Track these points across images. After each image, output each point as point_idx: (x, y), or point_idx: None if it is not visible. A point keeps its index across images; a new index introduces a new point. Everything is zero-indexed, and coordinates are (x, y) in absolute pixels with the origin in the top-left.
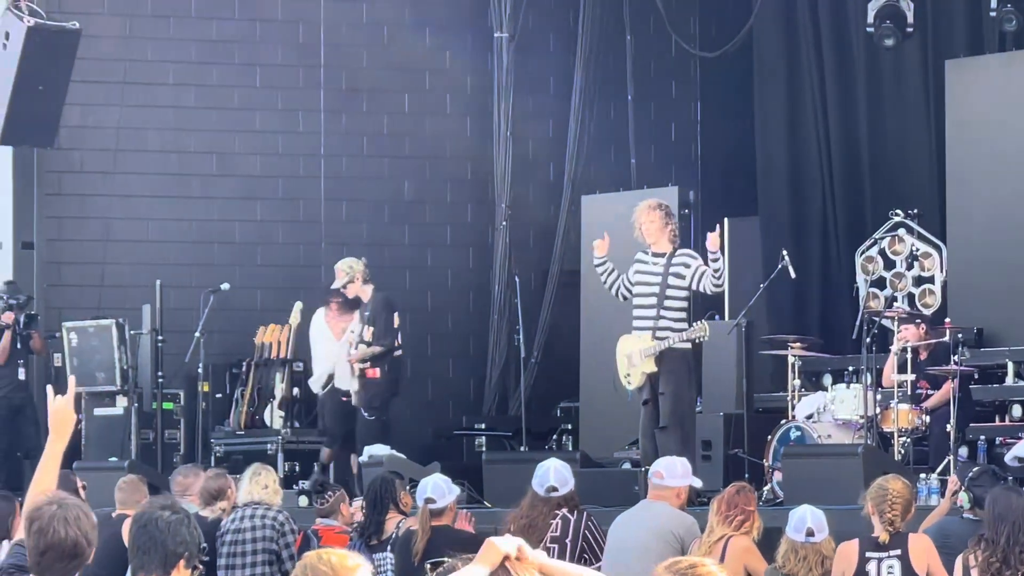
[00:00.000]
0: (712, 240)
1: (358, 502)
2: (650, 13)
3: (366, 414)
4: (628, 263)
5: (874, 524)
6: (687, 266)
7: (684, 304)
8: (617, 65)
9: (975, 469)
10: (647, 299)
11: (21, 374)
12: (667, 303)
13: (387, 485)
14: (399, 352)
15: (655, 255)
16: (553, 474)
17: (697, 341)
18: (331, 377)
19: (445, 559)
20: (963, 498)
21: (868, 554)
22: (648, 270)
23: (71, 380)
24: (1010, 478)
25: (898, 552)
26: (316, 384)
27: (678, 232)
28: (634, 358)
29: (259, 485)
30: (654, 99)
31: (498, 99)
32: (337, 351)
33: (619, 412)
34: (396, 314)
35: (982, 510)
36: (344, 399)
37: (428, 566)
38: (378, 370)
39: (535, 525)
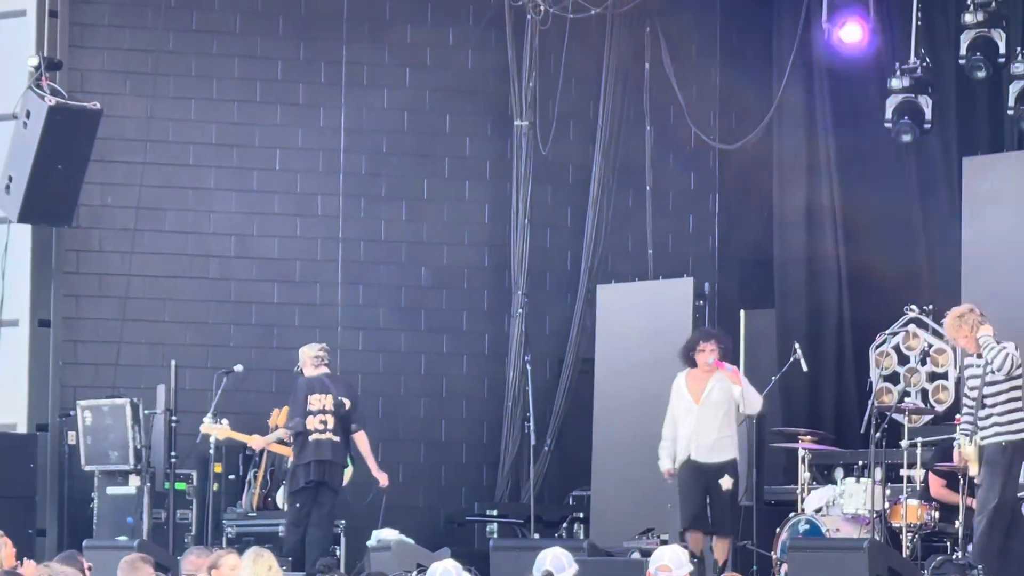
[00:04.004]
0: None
1: None
2: (670, 104)
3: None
4: (643, 353)
5: None
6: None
7: None
8: (636, 155)
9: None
10: None
11: None
12: None
13: None
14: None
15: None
16: (550, 559)
17: None
18: None
19: None
20: None
21: None
22: None
23: None
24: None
25: None
26: None
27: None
28: None
29: (263, 567)
30: (672, 189)
31: (516, 187)
32: None
33: (631, 502)
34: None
35: None
36: None
37: None
38: (292, 454)
39: None
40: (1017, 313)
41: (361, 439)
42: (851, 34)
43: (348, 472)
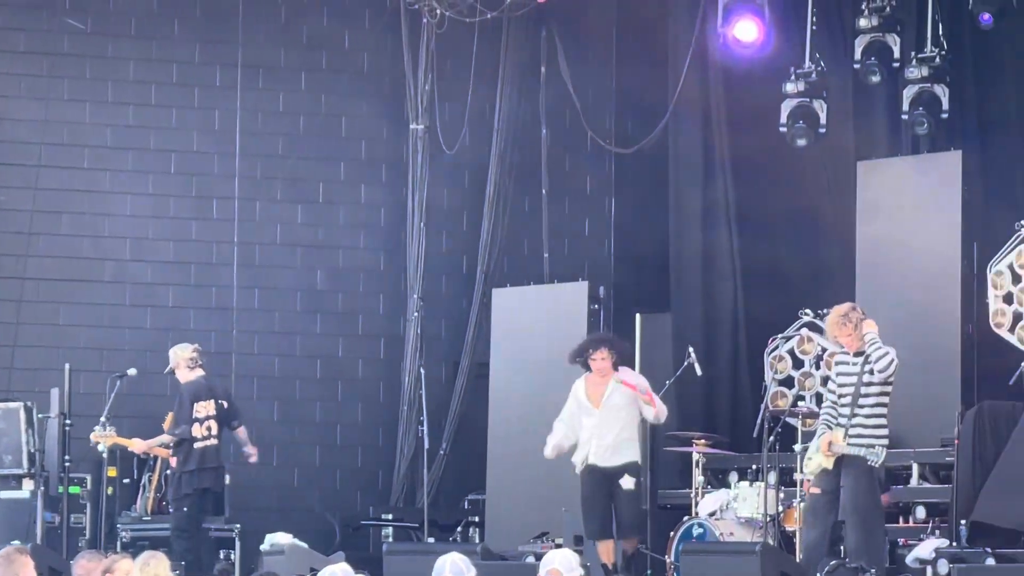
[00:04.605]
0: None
1: None
2: (566, 107)
3: (171, 507)
4: (538, 357)
5: None
6: None
7: None
8: (532, 158)
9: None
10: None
11: None
12: None
13: None
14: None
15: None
16: (449, 567)
17: None
18: None
19: None
20: None
21: None
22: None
23: None
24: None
25: None
26: None
27: None
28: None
29: (155, 571)
30: (568, 192)
31: (412, 190)
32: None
33: (526, 506)
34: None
35: None
36: None
37: None
38: (176, 460)
39: None
40: (909, 316)
41: (240, 431)
42: (746, 33)
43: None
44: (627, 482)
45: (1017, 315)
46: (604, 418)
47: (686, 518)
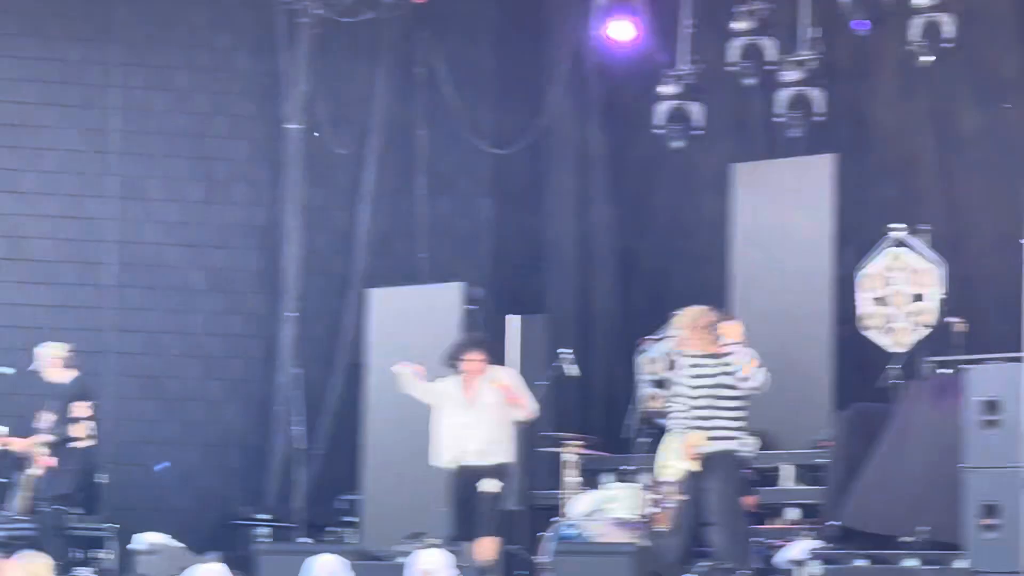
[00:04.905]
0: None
1: None
2: (445, 107)
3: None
4: (414, 357)
5: None
6: None
7: None
8: (410, 159)
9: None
10: None
11: None
12: None
13: None
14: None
15: None
16: (318, 568)
17: None
18: None
19: None
20: None
21: None
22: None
23: None
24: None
25: None
26: None
27: None
28: None
29: (35, 571)
30: (446, 193)
31: (290, 190)
32: None
33: (401, 506)
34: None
35: None
36: None
37: None
38: (55, 460)
39: None
40: (781, 318)
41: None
42: (621, 32)
43: None
44: (488, 484)
45: (886, 317)
46: (476, 418)
47: (559, 519)
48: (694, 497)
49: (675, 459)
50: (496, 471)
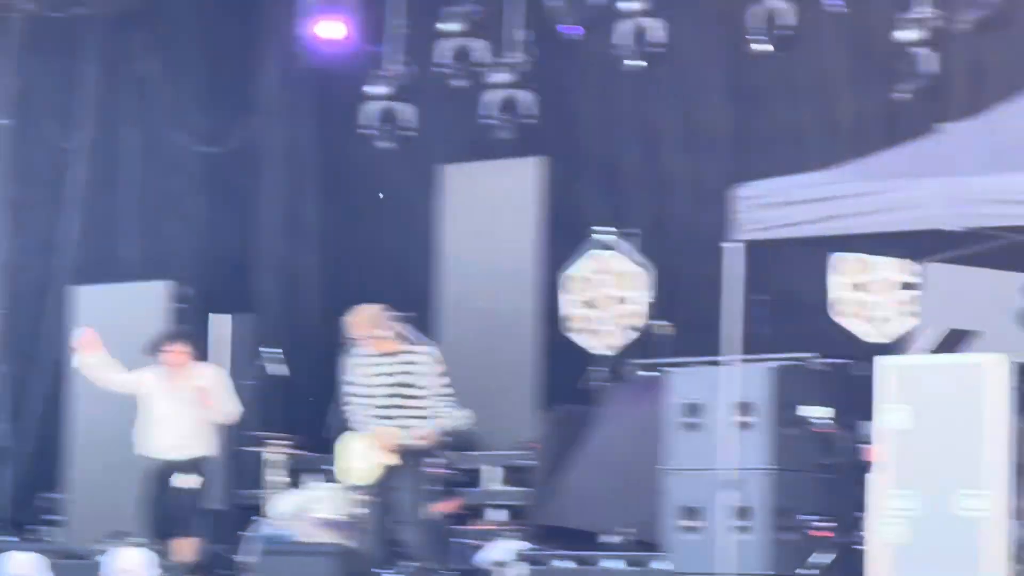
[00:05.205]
0: None
1: None
2: (157, 105)
3: None
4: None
5: None
6: None
7: None
8: (119, 156)
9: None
10: None
11: None
12: None
13: None
14: None
15: None
16: (11, 566)
17: None
18: None
19: None
20: None
21: None
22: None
23: None
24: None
25: None
26: None
27: None
28: None
29: None
30: (155, 191)
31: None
32: None
33: (105, 504)
34: None
35: None
36: None
37: None
38: None
39: None
40: (487, 319)
41: None
42: (332, 31)
43: None
44: (187, 480)
45: (590, 320)
46: (175, 410)
47: (261, 518)
48: (383, 498)
49: (359, 460)
50: (192, 465)
